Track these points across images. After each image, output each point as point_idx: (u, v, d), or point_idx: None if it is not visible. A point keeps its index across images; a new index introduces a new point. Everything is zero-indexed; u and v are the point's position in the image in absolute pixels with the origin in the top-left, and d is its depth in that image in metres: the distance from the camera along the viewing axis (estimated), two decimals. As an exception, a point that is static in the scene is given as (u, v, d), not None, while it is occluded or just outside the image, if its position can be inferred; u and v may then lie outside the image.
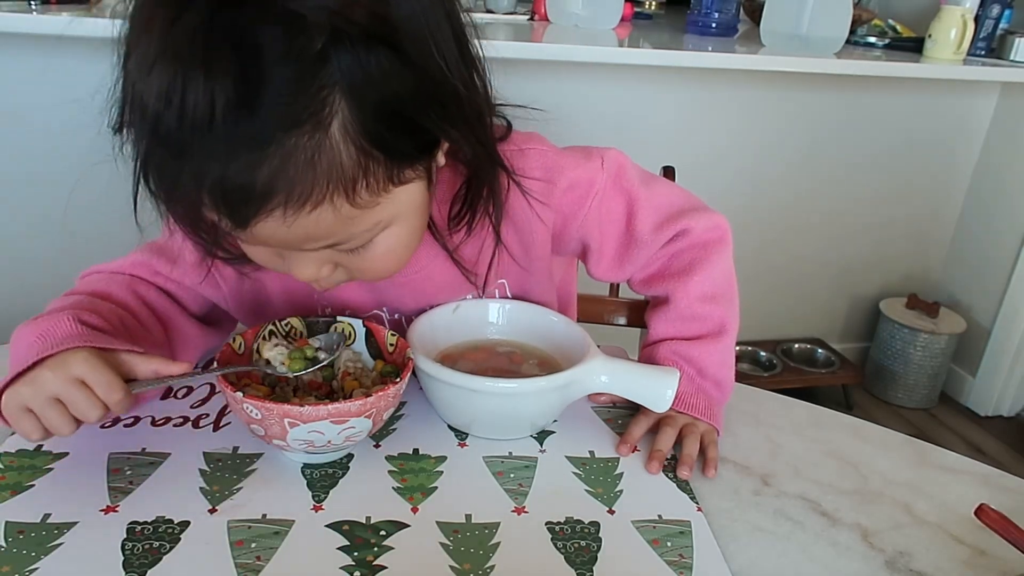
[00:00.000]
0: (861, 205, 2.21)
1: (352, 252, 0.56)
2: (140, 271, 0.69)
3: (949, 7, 1.83)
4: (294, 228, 0.49)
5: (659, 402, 0.64)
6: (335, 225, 0.51)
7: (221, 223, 0.50)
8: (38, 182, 1.62)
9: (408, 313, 0.73)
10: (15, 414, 0.54)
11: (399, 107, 0.50)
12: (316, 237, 0.52)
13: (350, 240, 0.54)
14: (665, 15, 2.60)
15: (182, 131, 0.45)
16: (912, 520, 0.60)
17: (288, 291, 0.72)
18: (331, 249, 0.55)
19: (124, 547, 0.51)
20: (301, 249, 0.54)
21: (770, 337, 2.30)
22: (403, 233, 0.58)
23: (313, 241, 0.53)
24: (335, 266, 0.58)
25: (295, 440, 0.56)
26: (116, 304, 0.64)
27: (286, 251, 0.56)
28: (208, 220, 0.52)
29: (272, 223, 0.49)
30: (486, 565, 0.52)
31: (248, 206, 0.48)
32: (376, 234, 0.56)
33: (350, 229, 0.53)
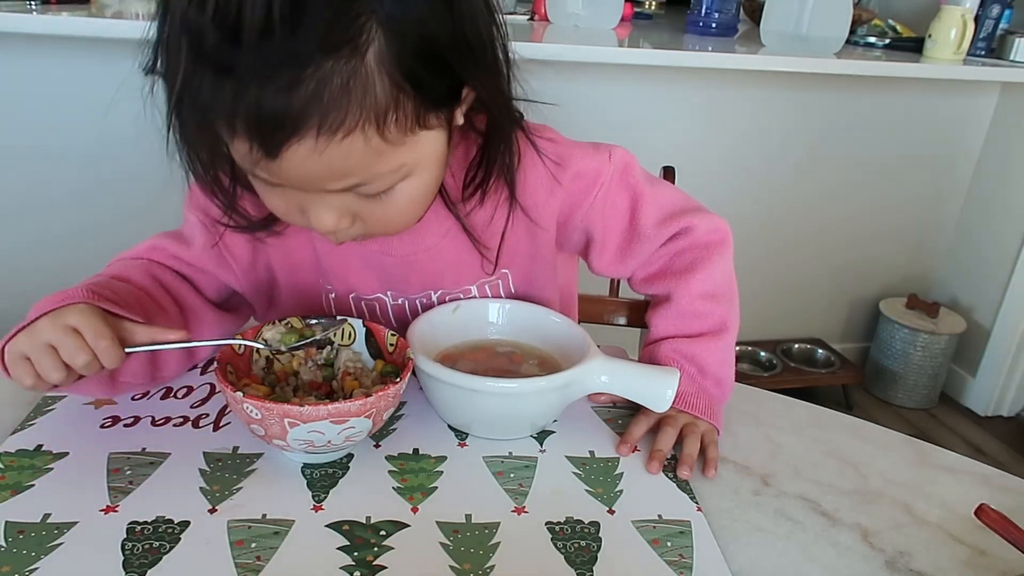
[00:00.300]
0: (861, 205, 2.22)
1: (373, 199, 0.57)
2: (156, 255, 0.71)
3: (949, 7, 1.83)
4: (323, 158, 0.50)
5: (659, 402, 0.64)
6: (363, 159, 0.52)
7: (252, 154, 0.51)
8: (38, 182, 1.62)
9: (413, 297, 0.74)
10: (13, 361, 0.56)
11: (432, 45, 0.52)
12: (343, 172, 0.53)
13: (373, 181, 0.55)
14: (665, 15, 2.60)
15: (223, 47, 0.46)
16: (912, 520, 0.60)
17: (295, 270, 0.73)
18: (353, 195, 0.56)
19: (124, 547, 0.51)
20: (324, 190, 0.55)
21: (770, 337, 2.30)
22: (422, 184, 0.59)
23: (339, 178, 0.53)
24: (354, 219, 0.58)
25: (295, 440, 0.56)
26: (134, 286, 0.65)
27: (308, 199, 0.56)
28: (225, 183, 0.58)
29: (303, 151, 0.50)
30: (486, 565, 0.52)
31: (282, 130, 0.49)
32: (398, 180, 0.57)
33: (375, 167, 0.54)
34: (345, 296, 0.74)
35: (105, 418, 0.64)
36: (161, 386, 0.69)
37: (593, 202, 0.71)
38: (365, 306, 0.75)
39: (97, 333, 0.56)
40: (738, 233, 0.78)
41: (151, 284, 0.67)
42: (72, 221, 1.66)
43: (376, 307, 0.75)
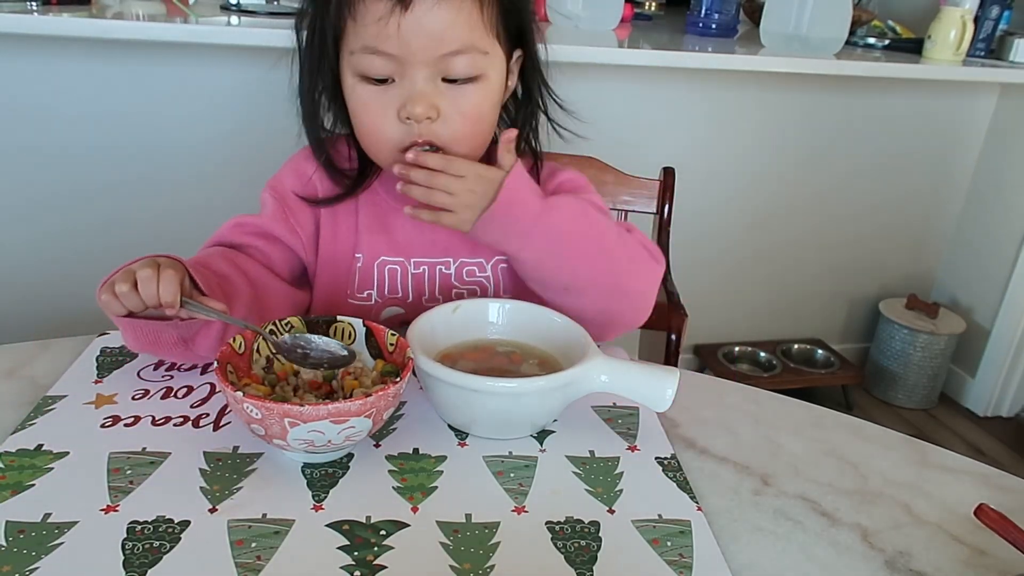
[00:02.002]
0: (861, 206, 2.22)
1: (456, 89, 0.71)
2: (237, 230, 0.80)
3: (949, 8, 1.83)
4: (441, 11, 0.67)
5: (660, 402, 0.64)
6: (466, 25, 0.69)
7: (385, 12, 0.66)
8: (37, 182, 1.62)
9: (433, 262, 0.82)
10: (106, 292, 0.64)
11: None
12: (451, 32, 0.68)
13: (467, 52, 0.70)
14: (665, 16, 2.60)
15: None
16: (912, 520, 0.61)
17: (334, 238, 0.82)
18: (443, 84, 0.71)
19: (124, 546, 0.51)
20: (432, 56, 0.69)
21: (770, 337, 2.30)
22: (486, 97, 0.73)
23: (446, 40, 0.68)
24: (437, 113, 0.71)
25: (295, 440, 0.56)
26: (212, 272, 0.71)
27: (405, 90, 0.70)
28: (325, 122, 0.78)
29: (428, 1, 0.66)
30: (486, 565, 0.52)
31: None
32: (477, 71, 0.71)
33: (471, 39, 0.70)
34: (371, 262, 0.82)
35: (105, 418, 0.64)
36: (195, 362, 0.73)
37: None
38: (388, 272, 0.82)
39: (170, 268, 0.64)
40: (738, 233, 0.78)
41: (229, 268, 0.74)
42: (72, 221, 1.66)
43: (398, 271, 0.82)
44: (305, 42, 0.75)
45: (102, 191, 1.65)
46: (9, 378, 0.69)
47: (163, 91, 1.60)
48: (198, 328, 0.67)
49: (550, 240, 0.72)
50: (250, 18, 1.54)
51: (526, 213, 0.72)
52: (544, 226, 0.72)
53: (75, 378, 0.70)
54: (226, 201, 1.67)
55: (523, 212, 0.72)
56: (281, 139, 0.83)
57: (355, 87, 0.72)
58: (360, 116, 0.74)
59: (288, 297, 0.80)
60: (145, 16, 1.40)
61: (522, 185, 0.72)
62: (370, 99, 0.72)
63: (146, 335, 0.67)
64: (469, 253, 0.82)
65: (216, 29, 1.39)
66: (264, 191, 0.83)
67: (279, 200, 0.82)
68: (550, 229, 0.72)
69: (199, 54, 1.58)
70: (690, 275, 1.79)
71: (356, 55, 0.70)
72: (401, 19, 0.67)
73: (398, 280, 0.82)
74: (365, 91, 0.72)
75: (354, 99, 0.73)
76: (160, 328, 0.66)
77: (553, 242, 0.72)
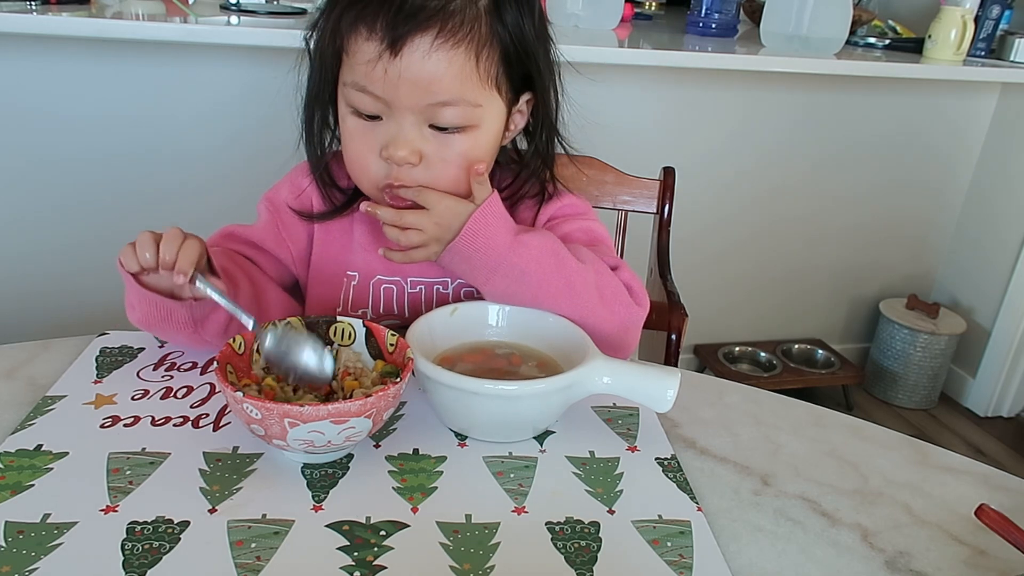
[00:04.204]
0: (861, 206, 2.22)
1: (442, 138, 0.70)
2: (222, 243, 0.80)
3: (949, 8, 1.83)
4: (432, 61, 0.66)
5: (660, 403, 0.64)
6: (458, 77, 0.67)
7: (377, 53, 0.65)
8: (37, 182, 1.62)
9: (430, 281, 0.81)
10: (127, 247, 0.66)
11: (520, 30, 0.70)
12: (440, 83, 0.67)
13: (456, 105, 0.68)
14: (665, 15, 2.60)
15: None
16: (912, 520, 0.60)
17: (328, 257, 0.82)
18: (429, 131, 0.70)
19: (124, 547, 0.51)
20: (419, 104, 0.68)
21: (770, 337, 2.30)
22: (477, 146, 0.72)
23: (435, 90, 0.67)
24: (420, 158, 0.70)
25: (295, 440, 0.56)
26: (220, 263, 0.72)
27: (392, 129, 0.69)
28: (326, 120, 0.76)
29: (422, 47, 0.65)
30: (486, 565, 0.52)
31: (413, 20, 0.64)
32: (467, 123, 0.70)
33: (462, 91, 0.68)
34: (366, 281, 0.81)
35: (105, 418, 0.64)
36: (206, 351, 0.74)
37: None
38: (383, 291, 0.81)
39: (194, 240, 0.66)
40: (738, 233, 0.78)
41: (232, 265, 0.75)
42: (72, 221, 1.66)
43: (394, 290, 0.81)
44: (312, 58, 0.75)
45: (102, 191, 1.65)
46: (9, 378, 0.69)
47: (163, 91, 1.60)
48: (208, 311, 0.69)
49: (513, 278, 0.70)
50: (250, 18, 1.54)
51: (492, 249, 0.69)
52: (509, 264, 0.70)
53: (75, 378, 0.70)
54: (225, 200, 1.67)
55: (488, 248, 0.69)
56: (281, 139, 0.83)
57: (346, 117, 0.72)
58: (347, 146, 0.74)
59: (282, 303, 0.81)
60: (145, 16, 1.40)
61: (491, 221, 0.70)
62: (357, 133, 0.72)
63: (159, 311, 0.68)
64: None
65: (216, 29, 1.39)
66: (260, 202, 0.84)
67: (273, 212, 0.82)
68: (514, 267, 0.70)
69: (199, 54, 1.58)
70: (690, 275, 1.79)
71: (347, 88, 0.70)
72: (389, 64, 0.66)
73: (394, 299, 0.82)
74: (354, 123, 0.72)
75: (344, 128, 0.74)
76: (173, 306, 0.68)
77: (516, 281, 0.70)
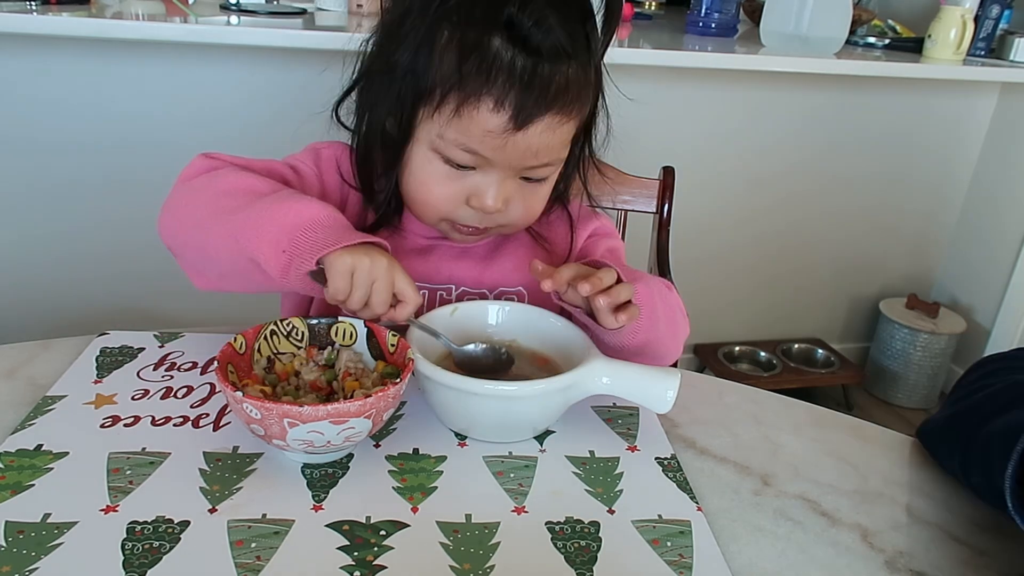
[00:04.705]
0: (861, 205, 2.22)
1: (529, 186, 0.73)
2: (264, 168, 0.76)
3: (949, 7, 1.83)
4: (549, 135, 0.67)
5: (661, 403, 0.64)
6: (563, 144, 0.71)
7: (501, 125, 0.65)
8: (37, 182, 1.62)
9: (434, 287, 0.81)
10: (342, 273, 0.61)
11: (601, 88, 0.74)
12: (549, 151, 0.69)
13: (552, 165, 0.71)
14: (665, 15, 2.60)
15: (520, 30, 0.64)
16: (912, 520, 0.61)
17: None
18: (519, 181, 0.71)
19: (124, 547, 0.51)
20: (524, 166, 0.69)
21: (770, 337, 2.30)
22: (549, 190, 0.76)
23: (543, 156, 0.69)
24: (506, 204, 0.72)
25: (295, 440, 0.56)
26: None
27: (483, 183, 0.70)
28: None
29: (543, 125, 0.66)
30: (486, 565, 0.52)
31: (544, 97, 0.65)
32: (553, 172, 0.73)
33: (561, 153, 0.72)
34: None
35: (105, 418, 0.64)
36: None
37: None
38: None
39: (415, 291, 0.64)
40: (738, 233, 0.78)
41: None
42: (72, 221, 1.66)
43: None
44: (378, 83, 0.71)
45: (102, 191, 1.65)
46: (9, 378, 0.69)
47: (163, 91, 1.60)
48: None
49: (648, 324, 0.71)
50: (250, 18, 1.54)
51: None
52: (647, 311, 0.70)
53: (75, 378, 0.70)
54: (226, 201, 1.67)
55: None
56: (280, 139, 0.83)
57: (429, 160, 0.70)
58: (424, 185, 0.72)
59: None
60: (145, 16, 1.40)
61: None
62: (443, 178, 0.71)
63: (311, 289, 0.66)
64: (472, 283, 0.82)
65: (216, 29, 1.39)
66: (304, 158, 0.80)
67: (319, 177, 0.79)
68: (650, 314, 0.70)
69: (199, 54, 1.58)
70: (690, 275, 1.79)
71: (446, 142, 0.68)
72: (511, 137, 0.66)
73: None
74: (439, 168, 0.70)
75: (422, 170, 0.71)
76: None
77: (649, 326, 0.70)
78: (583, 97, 0.69)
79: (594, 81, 0.71)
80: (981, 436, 0.59)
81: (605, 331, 0.67)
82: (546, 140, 0.67)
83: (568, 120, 0.68)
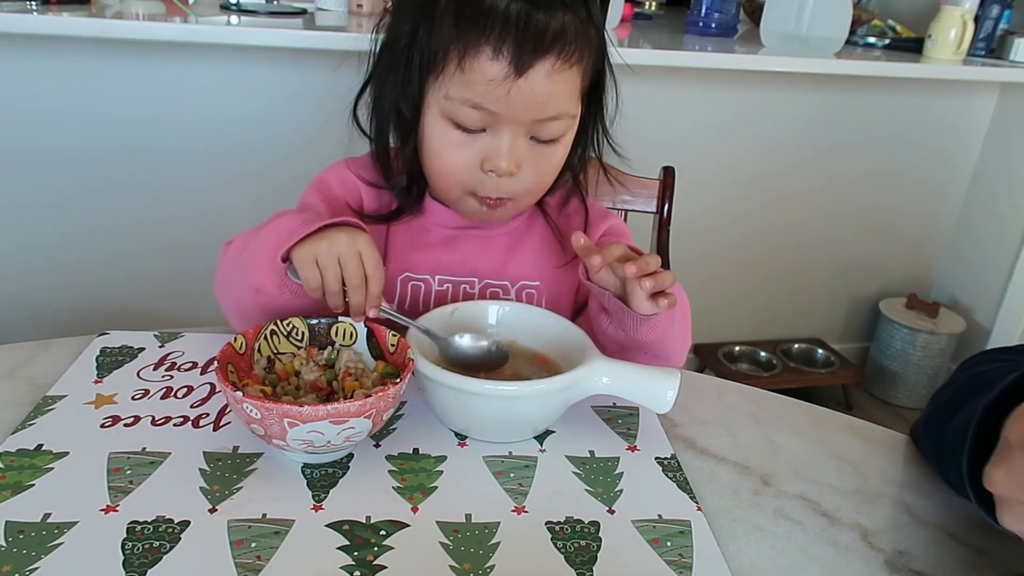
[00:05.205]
0: (861, 205, 2.22)
1: (540, 148, 0.73)
2: None
3: (949, 7, 1.83)
4: (551, 82, 0.68)
5: (660, 403, 0.64)
6: (568, 94, 0.71)
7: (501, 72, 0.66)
8: (38, 183, 1.62)
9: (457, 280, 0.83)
10: (305, 262, 0.63)
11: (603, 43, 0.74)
12: (554, 101, 0.70)
13: (560, 119, 0.72)
14: (665, 15, 2.60)
15: None
16: (912, 520, 0.61)
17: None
18: (530, 142, 0.72)
19: (124, 546, 0.51)
20: (532, 119, 0.70)
21: (770, 337, 2.30)
22: (563, 154, 0.76)
23: (549, 106, 0.70)
24: (518, 167, 0.72)
25: (295, 440, 0.56)
26: None
27: (495, 143, 0.71)
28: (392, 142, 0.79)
29: (543, 70, 0.67)
30: (486, 565, 0.52)
31: (540, 41, 0.66)
32: (564, 132, 0.74)
33: (568, 107, 0.72)
34: (394, 276, 0.82)
35: (105, 418, 0.64)
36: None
37: None
38: (411, 287, 0.82)
39: (377, 265, 0.64)
40: (738, 233, 0.78)
41: None
42: (72, 221, 1.66)
43: (421, 287, 0.82)
44: (388, 58, 0.75)
45: (102, 191, 1.65)
46: (9, 378, 0.69)
47: (163, 91, 1.60)
48: None
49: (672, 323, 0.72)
50: (250, 18, 1.54)
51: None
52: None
53: (75, 378, 0.70)
54: (225, 200, 1.67)
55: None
56: (280, 139, 0.83)
57: (441, 128, 0.72)
58: (440, 156, 0.74)
59: None
60: (145, 16, 1.40)
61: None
62: (456, 144, 0.73)
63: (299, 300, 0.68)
64: (494, 275, 0.83)
65: (216, 29, 1.39)
66: (309, 194, 0.82)
67: (328, 202, 0.81)
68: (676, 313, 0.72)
69: (199, 54, 1.58)
70: (690, 275, 1.79)
71: (453, 103, 0.70)
72: (513, 84, 0.67)
73: (420, 296, 0.83)
74: (452, 135, 0.72)
75: (437, 139, 0.73)
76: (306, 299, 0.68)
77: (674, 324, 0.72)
78: (581, 45, 0.69)
79: (595, 38, 0.72)
80: (948, 433, 0.59)
81: (627, 319, 0.68)
82: (549, 88, 0.68)
83: (568, 67, 0.69)
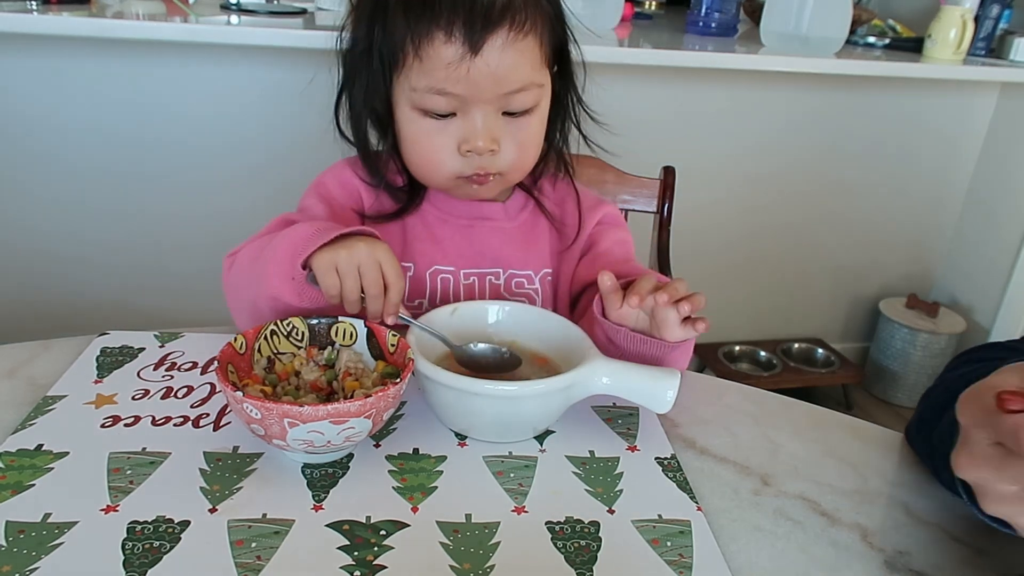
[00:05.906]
0: (861, 205, 2.22)
1: (515, 122, 0.74)
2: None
3: (949, 7, 1.83)
4: (508, 54, 0.69)
5: (660, 403, 0.64)
6: (530, 64, 0.71)
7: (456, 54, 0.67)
8: (37, 182, 1.62)
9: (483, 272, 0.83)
10: (327, 269, 0.63)
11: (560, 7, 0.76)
12: (516, 73, 0.70)
13: (529, 90, 0.72)
14: (665, 15, 2.60)
15: None
16: (912, 520, 0.61)
17: None
18: (503, 118, 0.73)
19: (124, 546, 0.51)
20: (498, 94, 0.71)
21: (770, 337, 2.30)
22: (540, 126, 0.77)
23: (512, 79, 0.70)
24: (497, 143, 0.73)
25: (295, 440, 0.56)
26: None
27: (468, 124, 0.72)
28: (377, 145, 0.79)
29: (498, 43, 0.68)
30: (486, 565, 0.52)
31: (488, 21, 0.67)
32: (535, 102, 0.74)
33: (533, 76, 0.72)
34: (423, 271, 0.83)
35: (105, 418, 0.64)
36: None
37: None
38: (440, 281, 0.83)
39: (398, 274, 0.65)
40: (738, 233, 0.78)
41: None
42: (71, 220, 1.66)
43: (450, 280, 0.83)
44: (352, 62, 0.76)
45: (101, 191, 1.65)
46: (9, 378, 0.69)
47: (163, 90, 1.60)
48: None
49: None
50: (250, 18, 1.54)
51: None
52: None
53: (75, 378, 0.70)
54: (226, 200, 1.67)
55: None
56: (280, 138, 0.83)
57: (413, 120, 0.74)
58: (418, 147, 0.75)
59: None
60: (145, 15, 1.40)
61: None
62: (430, 133, 0.74)
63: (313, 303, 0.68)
64: (519, 264, 0.84)
65: (216, 29, 1.39)
66: (308, 196, 0.83)
67: (327, 205, 0.81)
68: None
69: (199, 54, 1.58)
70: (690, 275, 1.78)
71: (419, 93, 0.71)
72: (471, 63, 0.68)
73: (450, 289, 0.83)
74: (425, 124, 0.73)
75: (411, 131, 0.75)
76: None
77: None
78: (532, 13, 0.70)
79: (547, 6, 0.73)
80: (937, 432, 0.59)
81: (652, 349, 0.69)
82: (507, 60, 0.69)
83: (523, 36, 0.70)
